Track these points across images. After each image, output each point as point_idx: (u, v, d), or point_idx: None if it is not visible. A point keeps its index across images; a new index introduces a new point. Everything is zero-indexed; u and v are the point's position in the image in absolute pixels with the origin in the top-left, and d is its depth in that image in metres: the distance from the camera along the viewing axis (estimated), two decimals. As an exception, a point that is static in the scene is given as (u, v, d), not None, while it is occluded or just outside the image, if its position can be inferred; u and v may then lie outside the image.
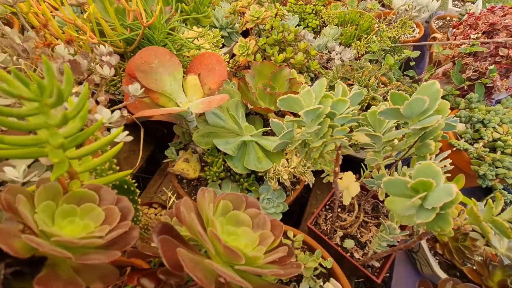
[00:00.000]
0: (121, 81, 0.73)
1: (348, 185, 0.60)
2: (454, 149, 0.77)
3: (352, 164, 0.82)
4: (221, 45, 0.99)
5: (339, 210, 0.76)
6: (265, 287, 0.28)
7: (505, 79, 0.84)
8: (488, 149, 0.75)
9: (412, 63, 0.88)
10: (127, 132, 0.45)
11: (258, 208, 0.36)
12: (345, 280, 0.62)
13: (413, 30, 1.25)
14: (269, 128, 0.78)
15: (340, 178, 0.62)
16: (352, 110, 0.48)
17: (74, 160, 0.27)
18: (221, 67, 0.71)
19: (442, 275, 0.67)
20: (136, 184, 0.45)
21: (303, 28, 1.23)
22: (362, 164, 0.67)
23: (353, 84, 0.84)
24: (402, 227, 0.69)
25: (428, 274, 0.72)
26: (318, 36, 1.23)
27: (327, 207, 0.76)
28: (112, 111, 0.44)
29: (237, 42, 1.05)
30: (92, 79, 0.49)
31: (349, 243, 0.68)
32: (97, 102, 0.49)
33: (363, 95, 0.49)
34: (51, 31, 0.48)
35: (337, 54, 1.10)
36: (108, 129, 0.46)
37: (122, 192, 0.45)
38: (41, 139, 0.19)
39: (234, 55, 1.09)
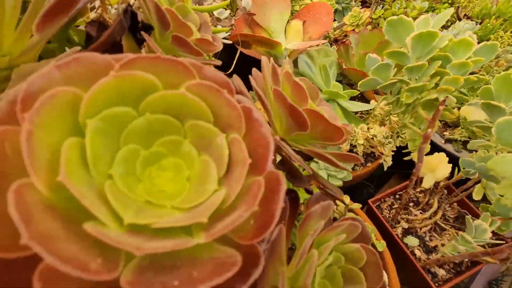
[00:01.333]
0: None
1: (436, 166, 0.50)
2: None
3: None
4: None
5: (411, 204, 0.65)
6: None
7: None
8: None
9: None
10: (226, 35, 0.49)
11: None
12: (395, 274, 0.53)
13: None
14: (356, 90, 0.72)
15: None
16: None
17: None
18: (328, 18, 0.70)
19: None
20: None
21: (430, 16, 1.08)
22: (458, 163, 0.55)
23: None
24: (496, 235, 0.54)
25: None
26: (446, 30, 1.07)
27: (397, 196, 0.66)
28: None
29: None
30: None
31: (412, 241, 0.58)
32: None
33: (497, 50, 0.40)
34: None
35: (465, 48, 0.92)
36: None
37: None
38: None
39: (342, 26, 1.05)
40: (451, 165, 0.49)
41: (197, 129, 0.15)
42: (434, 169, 0.51)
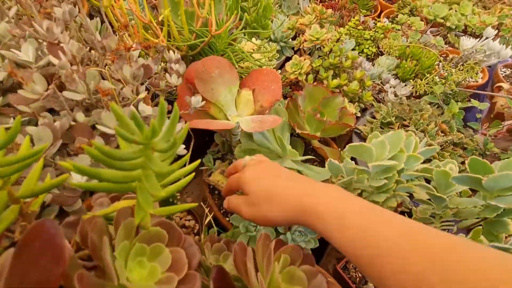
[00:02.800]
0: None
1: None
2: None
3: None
4: (274, 60, 0.98)
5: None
6: None
7: None
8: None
9: (479, 116, 0.82)
10: (183, 146, 0.44)
11: (313, 264, 0.33)
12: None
13: (477, 73, 1.17)
14: (311, 156, 0.75)
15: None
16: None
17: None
18: (276, 87, 0.69)
19: None
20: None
21: (358, 53, 1.18)
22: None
23: (408, 126, 0.79)
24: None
25: None
26: (372, 65, 1.19)
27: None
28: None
29: (288, 56, 1.04)
30: (157, 83, 0.48)
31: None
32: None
33: (435, 151, 0.45)
34: (130, 32, 0.49)
35: (390, 87, 1.04)
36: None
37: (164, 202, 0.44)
38: (134, 176, 0.18)
39: (281, 66, 1.08)
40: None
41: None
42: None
